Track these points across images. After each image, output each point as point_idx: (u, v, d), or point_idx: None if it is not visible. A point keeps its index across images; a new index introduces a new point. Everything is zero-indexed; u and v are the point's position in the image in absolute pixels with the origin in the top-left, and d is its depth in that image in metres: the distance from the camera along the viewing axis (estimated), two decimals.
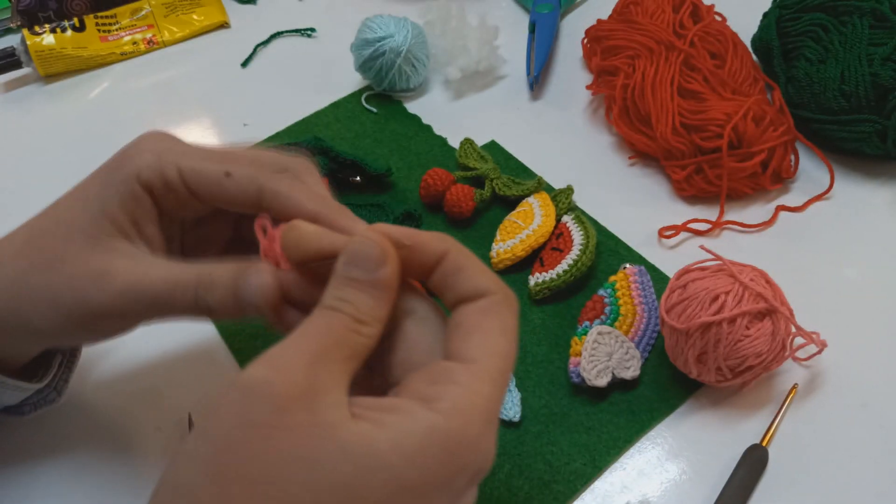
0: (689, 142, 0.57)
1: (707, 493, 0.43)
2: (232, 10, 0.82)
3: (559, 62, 0.72)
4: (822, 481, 0.44)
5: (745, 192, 0.58)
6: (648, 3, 0.65)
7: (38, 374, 0.43)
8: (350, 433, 0.27)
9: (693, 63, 0.60)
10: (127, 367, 0.51)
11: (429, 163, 0.63)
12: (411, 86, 0.68)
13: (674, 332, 0.45)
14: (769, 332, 0.44)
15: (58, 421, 0.48)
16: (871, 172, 0.59)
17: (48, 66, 0.74)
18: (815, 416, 0.46)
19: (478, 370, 0.30)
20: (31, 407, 0.44)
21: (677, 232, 0.56)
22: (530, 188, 0.58)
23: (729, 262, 0.45)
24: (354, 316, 0.30)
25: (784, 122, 0.58)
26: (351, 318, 0.30)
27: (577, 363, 0.48)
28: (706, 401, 0.47)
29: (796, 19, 0.61)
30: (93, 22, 0.77)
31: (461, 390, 0.29)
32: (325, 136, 0.65)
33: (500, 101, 0.69)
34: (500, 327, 0.31)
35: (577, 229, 0.55)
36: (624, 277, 0.52)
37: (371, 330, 0.31)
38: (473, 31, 0.68)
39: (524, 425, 0.47)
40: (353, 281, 0.31)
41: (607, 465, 0.45)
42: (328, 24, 0.78)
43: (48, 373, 0.43)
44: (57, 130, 0.71)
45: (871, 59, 0.56)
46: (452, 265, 0.32)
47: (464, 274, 0.32)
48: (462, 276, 0.32)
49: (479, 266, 0.33)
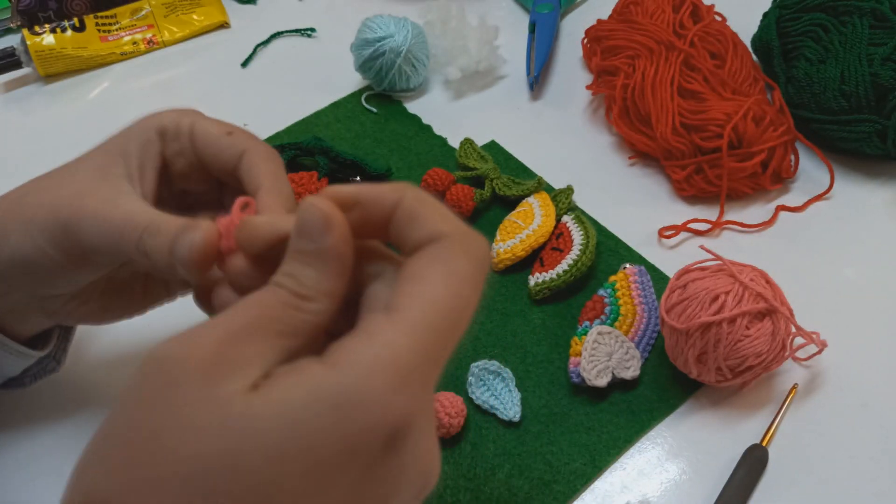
0: (689, 142, 0.57)
1: (707, 493, 0.43)
2: (232, 10, 0.82)
3: (559, 62, 0.72)
4: (822, 481, 0.44)
5: (745, 192, 0.58)
6: (648, 3, 0.65)
7: (38, 345, 0.45)
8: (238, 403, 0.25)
9: (693, 63, 0.60)
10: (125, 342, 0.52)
11: (429, 163, 0.63)
12: (411, 86, 0.68)
13: (674, 332, 0.45)
14: (769, 332, 0.44)
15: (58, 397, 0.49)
16: (871, 172, 0.59)
17: (48, 66, 0.74)
18: (815, 416, 0.46)
19: (398, 319, 0.27)
20: (31, 377, 0.46)
21: (677, 232, 0.56)
22: (530, 188, 0.58)
23: (729, 262, 0.45)
24: (295, 291, 0.28)
25: (784, 122, 0.58)
26: (290, 294, 0.28)
27: (577, 363, 0.48)
28: (706, 401, 0.47)
29: (796, 19, 0.61)
30: (93, 22, 0.77)
31: (366, 341, 0.26)
32: (325, 136, 0.65)
33: (500, 101, 0.68)
34: (443, 273, 0.28)
35: (577, 229, 0.55)
36: (624, 277, 0.52)
37: (316, 305, 0.28)
38: (473, 31, 0.68)
39: (524, 425, 0.47)
40: (298, 253, 0.28)
41: (607, 465, 0.45)
42: (328, 24, 0.78)
43: (48, 343, 0.45)
44: (57, 130, 0.71)
45: (871, 59, 0.56)
46: (405, 214, 0.29)
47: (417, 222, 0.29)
48: (415, 225, 0.29)
49: (436, 211, 0.29)
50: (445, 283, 0.28)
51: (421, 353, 0.26)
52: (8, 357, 0.43)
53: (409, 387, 0.26)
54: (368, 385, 0.25)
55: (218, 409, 0.25)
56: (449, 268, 0.28)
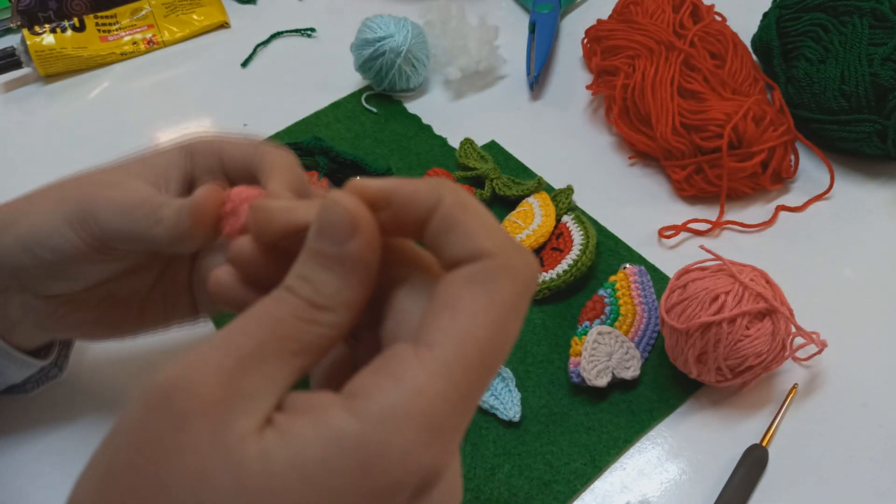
0: (689, 142, 0.57)
1: (707, 493, 0.43)
2: (232, 10, 0.82)
3: (559, 62, 0.72)
4: (822, 481, 0.44)
5: (745, 192, 0.58)
6: (648, 3, 0.65)
7: (41, 354, 0.45)
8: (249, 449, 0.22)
9: (693, 63, 0.60)
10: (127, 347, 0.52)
11: (429, 163, 0.63)
12: (411, 86, 0.68)
13: (674, 332, 0.45)
14: (769, 332, 0.44)
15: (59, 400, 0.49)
16: (871, 172, 0.59)
17: (48, 66, 0.74)
18: (815, 416, 0.46)
19: (431, 360, 0.23)
20: (33, 384, 0.46)
21: (677, 232, 0.56)
22: (530, 188, 0.58)
23: (729, 262, 0.45)
24: (311, 300, 0.25)
25: (784, 122, 0.58)
26: (306, 304, 0.25)
27: (577, 363, 0.48)
28: (706, 401, 0.47)
29: (796, 19, 0.61)
30: (93, 22, 0.77)
31: (397, 386, 0.23)
32: (325, 136, 0.65)
33: (500, 101, 0.68)
34: (484, 303, 0.24)
35: (577, 229, 0.55)
36: (624, 277, 0.52)
37: (333, 317, 0.25)
38: (473, 31, 0.68)
39: (524, 425, 0.47)
40: (317, 255, 0.25)
41: (607, 465, 0.45)
42: (328, 24, 0.78)
43: (51, 351, 0.46)
44: (57, 130, 0.71)
45: (871, 59, 0.56)
46: (443, 222, 0.25)
47: (456, 232, 0.25)
48: (454, 235, 0.25)
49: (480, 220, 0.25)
50: (486, 315, 0.24)
51: (455, 401, 0.23)
52: (11, 366, 0.43)
53: (441, 439, 0.23)
54: (397, 440, 0.22)
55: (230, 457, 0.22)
56: (491, 296, 0.24)
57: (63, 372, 0.47)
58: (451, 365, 0.23)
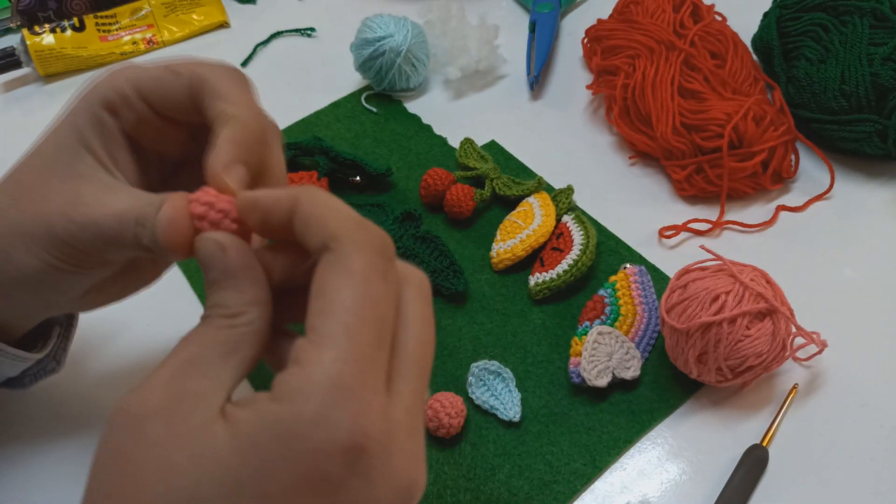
0: (689, 142, 0.57)
1: (707, 493, 0.43)
2: (232, 10, 0.82)
3: (559, 62, 0.72)
4: (822, 481, 0.44)
5: (745, 191, 0.58)
6: (649, 2, 0.65)
7: (38, 345, 0.44)
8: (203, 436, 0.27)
9: (693, 63, 0.60)
10: (127, 344, 0.52)
11: (429, 163, 0.63)
12: (411, 86, 0.68)
13: (674, 332, 0.45)
14: (769, 332, 0.44)
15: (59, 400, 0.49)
16: (871, 172, 0.59)
17: (48, 65, 0.74)
18: (815, 416, 0.46)
19: (317, 340, 0.27)
20: (31, 378, 0.45)
21: (677, 232, 0.56)
22: (530, 188, 0.58)
23: (729, 262, 0.45)
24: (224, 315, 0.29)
25: (784, 122, 0.58)
26: (221, 318, 0.29)
27: (577, 363, 0.48)
28: (706, 401, 0.47)
29: (796, 19, 0.61)
30: (93, 22, 0.77)
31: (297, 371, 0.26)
32: (325, 136, 0.65)
33: (500, 101, 0.68)
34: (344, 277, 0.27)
35: (578, 229, 0.55)
36: (624, 277, 0.52)
37: (247, 317, 0.29)
38: (473, 30, 0.68)
39: (524, 425, 0.47)
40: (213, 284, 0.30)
41: (607, 465, 0.45)
42: (328, 24, 0.78)
43: (48, 343, 0.44)
44: None
45: (871, 59, 0.56)
46: (301, 221, 0.29)
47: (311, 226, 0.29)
48: (310, 231, 0.29)
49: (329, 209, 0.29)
50: (349, 287, 0.27)
51: (351, 361, 0.26)
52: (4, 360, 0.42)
53: (351, 397, 0.26)
54: (307, 407, 0.26)
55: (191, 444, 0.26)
56: (347, 270, 0.28)
57: (61, 365, 0.46)
58: (335, 336, 0.27)
